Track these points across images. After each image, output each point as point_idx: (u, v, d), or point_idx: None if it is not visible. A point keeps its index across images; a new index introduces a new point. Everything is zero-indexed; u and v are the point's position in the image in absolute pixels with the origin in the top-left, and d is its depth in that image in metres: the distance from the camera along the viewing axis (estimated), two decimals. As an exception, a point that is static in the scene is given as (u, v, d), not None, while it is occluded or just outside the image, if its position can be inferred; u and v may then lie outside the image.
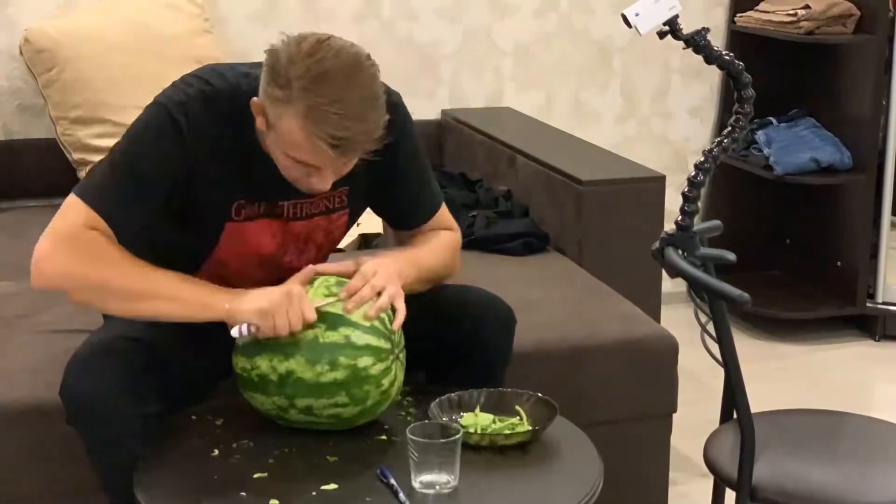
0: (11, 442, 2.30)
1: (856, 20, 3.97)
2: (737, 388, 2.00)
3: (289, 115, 1.91)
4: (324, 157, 1.94)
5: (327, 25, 3.94)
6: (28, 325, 2.60)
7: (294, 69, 1.90)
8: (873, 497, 1.98)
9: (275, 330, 1.96)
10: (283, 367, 1.98)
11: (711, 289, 1.91)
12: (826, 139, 4.11)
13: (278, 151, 1.99)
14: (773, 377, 3.77)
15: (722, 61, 2.02)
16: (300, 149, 1.94)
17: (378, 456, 1.98)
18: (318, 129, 1.89)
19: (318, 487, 1.87)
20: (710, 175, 2.07)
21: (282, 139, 1.95)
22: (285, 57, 1.91)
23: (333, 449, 2.00)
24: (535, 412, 2.09)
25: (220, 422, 2.09)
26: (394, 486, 1.86)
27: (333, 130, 1.89)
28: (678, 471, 3.02)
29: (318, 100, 1.88)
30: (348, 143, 1.92)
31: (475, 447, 1.98)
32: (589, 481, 1.94)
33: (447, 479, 1.86)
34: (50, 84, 3.38)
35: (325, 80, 1.89)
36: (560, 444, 2.05)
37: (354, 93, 1.91)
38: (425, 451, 1.84)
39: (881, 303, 4.11)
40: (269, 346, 2.00)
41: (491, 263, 3.10)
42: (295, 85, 1.89)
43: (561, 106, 4.21)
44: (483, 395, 2.12)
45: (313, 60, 1.90)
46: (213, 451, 1.99)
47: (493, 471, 1.97)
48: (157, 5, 3.55)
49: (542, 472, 1.99)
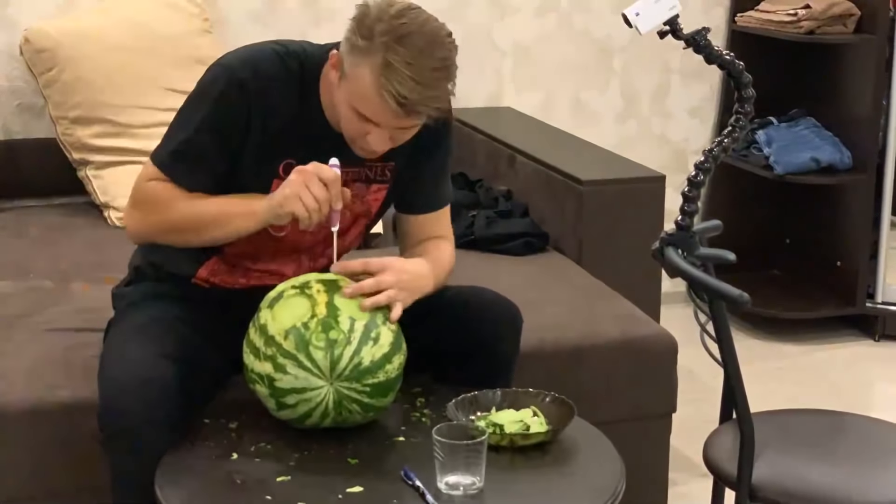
0: (11, 442, 2.29)
1: (856, 20, 3.97)
2: (736, 388, 2.00)
3: (365, 65, 1.98)
4: (387, 113, 2.00)
5: (327, 25, 3.94)
6: (28, 325, 2.60)
7: (380, 25, 1.98)
8: (873, 497, 1.98)
9: (308, 211, 2.02)
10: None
11: (711, 289, 1.91)
12: (826, 139, 4.11)
13: (344, 103, 2.06)
14: (773, 377, 3.77)
15: (722, 61, 2.02)
16: (367, 101, 2.00)
17: (398, 457, 1.98)
18: (389, 83, 1.96)
19: (344, 490, 1.87)
20: (710, 175, 2.07)
21: (352, 89, 2.02)
22: (375, 12, 2.00)
23: (352, 451, 2.00)
24: (551, 412, 2.09)
25: (234, 425, 2.09)
26: (420, 487, 1.85)
27: (402, 89, 1.96)
28: (678, 471, 3.02)
29: (396, 57, 1.96)
30: (413, 104, 1.98)
31: (494, 447, 1.98)
32: (613, 480, 1.95)
33: (472, 481, 1.86)
34: (50, 84, 3.38)
35: (406, 41, 1.97)
36: (578, 444, 2.05)
37: (430, 60, 1.99)
38: (452, 453, 1.84)
39: (881, 303, 4.11)
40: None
41: (491, 263, 3.10)
42: (378, 39, 1.97)
43: (561, 106, 4.21)
44: (499, 394, 2.12)
45: (399, 22, 1.99)
46: (232, 455, 1.98)
47: (515, 471, 1.97)
48: (157, 5, 3.54)
49: (563, 472, 1.99)
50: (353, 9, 2.05)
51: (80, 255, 3.02)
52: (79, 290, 2.80)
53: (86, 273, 2.87)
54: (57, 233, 3.28)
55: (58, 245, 3.14)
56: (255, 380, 2.02)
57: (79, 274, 2.90)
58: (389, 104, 1.98)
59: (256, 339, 2.02)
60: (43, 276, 2.91)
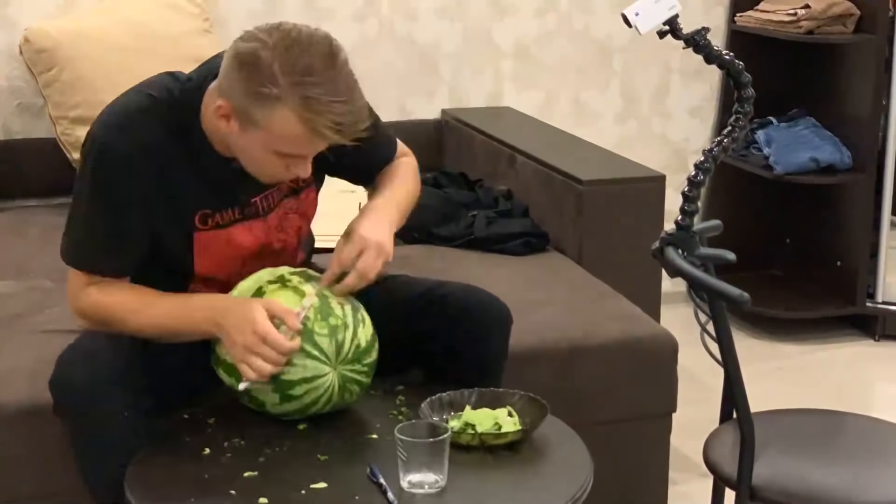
0: (11, 442, 2.30)
1: (856, 20, 3.97)
2: (736, 387, 2.00)
3: (283, 108, 1.91)
4: (322, 144, 1.97)
5: (327, 25, 3.94)
6: (28, 325, 2.60)
7: (277, 65, 1.90)
8: (873, 497, 1.98)
9: (257, 374, 1.98)
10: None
11: (711, 289, 1.91)
12: (826, 139, 4.11)
13: (258, 150, 1.99)
14: (773, 377, 3.77)
15: (722, 61, 2.02)
16: (298, 141, 1.95)
17: (369, 455, 1.98)
18: (320, 117, 1.90)
19: (308, 486, 1.88)
20: (710, 175, 2.07)
21: (275, 135, 1.94)
22: (264, 53, 1.92)
23: (325, 448, 2.00)
24: (526, 411, 2.09)
25: (212, 420, 2.10)
26: (383, 485, 1.86)
27: (335, 117, 1.91)
28: (678, 471, 3.02)
29: (312, 90, 1.89)
30: (351, 125, 1.94)
31: (466, 447, 1.98)
32: (579, 480, 1.94)
33: (435, 479, 1.86)
34: (50, 84, 3.38)
35: (311, 69, 1.90)
36: (550, 444, 2.05)
37: (338, 74, 1.94)
38: (413, 451, 1.84)
39: (881, 302, 4.11)
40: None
41: (491, 263, 3.10)
42: (283, 81, 1.90)
43: (561, 106, 4.21)
44: (475, 394, 2.12)
45: (294, 54, 1.91)
46: (204, 450, 1.99)
47: (482, 470, 1.97)
48: (157, 5, 3.55)
49: (531, 471, 1.99)
50: (353, 9, 2.04)
51: (80, 255, 3.01)
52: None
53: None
54: (57, 233, 3.23)
55: (58, 245, 3.13)
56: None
57: (79, 274, 2.89)
58: (327, 136, 1.93)
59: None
60: (43, 276, 2.91)
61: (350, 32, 3.79)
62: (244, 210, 2.14)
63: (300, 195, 2.23)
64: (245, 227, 2.15)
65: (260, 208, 2.16)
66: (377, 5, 3.91)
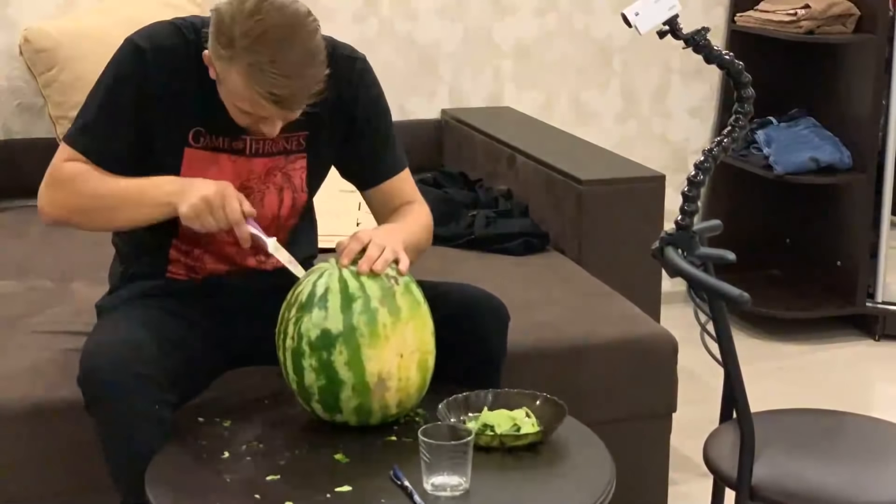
0: (11, 442, 2.30)
1: (856, 20, 3.97)
2: (736, 387, 2.00)
3: (233, 70, 2.01)
4: (267, 109, 2.04)
5: (327, 25, 3.93)
6: (28, 325, 2.60)
7: (236, 28, 1.99)
8: (873, 497, 1.98)
9: (206, 229, 2.08)
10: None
11: (711, 288, 1.91)
12: (826, 139, 4.11)
13: (226, 100, 2.11)
14: (773, 377, 3.77)
15: (722, 61, 2.02)
16: (245, 101, 2.05)
17: (388, 457, 1.98)
18: (259, 86, 1.99)
19: (332, 489, 1.86)
20: (710, 175, 2.07)
21: (230, 90, 2.06)
22: (229, 16, 2.01)
23: (343, 450, 1.99)
24: (544, 412, 2.08)
25: (227, 423, 2.09)
26: (408, 487, 1.85)
27: (272, 88, 1.99)
28: (678, 471, 3.02)
29: (259, 58, 1.98)
30: (288, 99, 2.02)
31: (485, 448, 1.98)
32: (601, 481, 1.93)
33: (459, 482, 1.85)
34: (50, 84, 3.38)
35: (265, 39, 1.98)
36: (569, 445, 2.04)
37: (293, 50, 2.00)
38: (437, 453, 1.83)
39: (881, 302, 4.11)
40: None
41: (491, 263, 3.10)
42: (238, 44, 1.99)
43: (561, 106, 4.21)
44: (491, 395, 2.12)
45: (254, 20, 1.99)
46: (223, 454, 1.98)
47: (504, 472, 1.96)
48: (157, 5, 3.54)
49: (553, 473, 1.98)
50: (353, 9, 2.05)
51: (80, 255, 3.01)
52: (79, 290, 2.80)
53: (86, 273, 2.87)
54: (57, 233, 3.26)
55: (58, 245, 3.14)
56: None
57: (79, 274, 2.89)
58: (264, 104, 2.02)
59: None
60: (43, 276, 2.91)
61: (350, 32, 3.79)
62: (233, 143, 2.20)
63: (289, 157, 2.27)
64: (230, 160, 2.21)
65: (248, 148, 2.21)
66: (377, 5, 3.92)
